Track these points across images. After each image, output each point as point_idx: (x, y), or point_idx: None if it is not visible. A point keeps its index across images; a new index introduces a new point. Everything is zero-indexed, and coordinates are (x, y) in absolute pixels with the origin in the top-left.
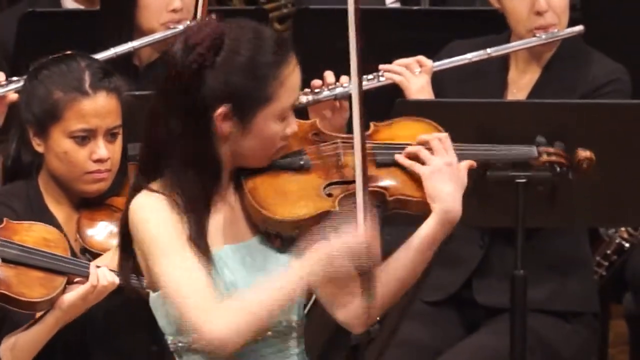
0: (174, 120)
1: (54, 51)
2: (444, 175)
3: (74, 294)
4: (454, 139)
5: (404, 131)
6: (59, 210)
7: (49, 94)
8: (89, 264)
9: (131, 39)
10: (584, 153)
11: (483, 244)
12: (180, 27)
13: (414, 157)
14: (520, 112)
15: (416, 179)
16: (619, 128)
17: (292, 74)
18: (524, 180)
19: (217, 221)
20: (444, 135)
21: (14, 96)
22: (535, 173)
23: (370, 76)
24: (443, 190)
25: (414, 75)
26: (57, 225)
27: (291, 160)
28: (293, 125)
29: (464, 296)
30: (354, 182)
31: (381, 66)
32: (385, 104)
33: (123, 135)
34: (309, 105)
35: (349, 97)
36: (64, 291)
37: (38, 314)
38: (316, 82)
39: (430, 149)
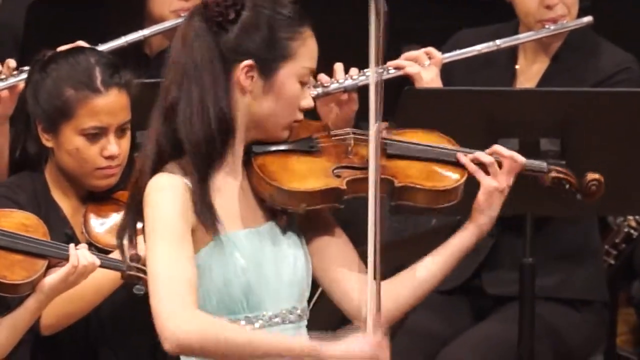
0: (194, 75)
1: (63, 39)
2: (501, 197)
3: (55, 276)
4: (460, 128)
5: (415, 139)
6: (65, 203)
7: (60, 91)
8: (68, 247)
9: (142, 27)
10: (593, 175)
11: (493, 233)
12: None
13: (479, 164)
14: (529, 100)
15: (426, 172)
16: (628, 116)
17: (312, 38)
18: None
19: (230, 203)
20: (519, 161)
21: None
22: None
23: (379, 69)
24: (494, 210)
25: (423, 69)
26: (64, 219)
27: (301, 143)
28: (309, 99)
29: (474, 285)
30: (363, 168)
31: (389, 62)
32: (393, 93)
33: (131, 124)
34: (318, 97)
35: (357, 89)
36: (45, 274)
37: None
38: (323, 76)
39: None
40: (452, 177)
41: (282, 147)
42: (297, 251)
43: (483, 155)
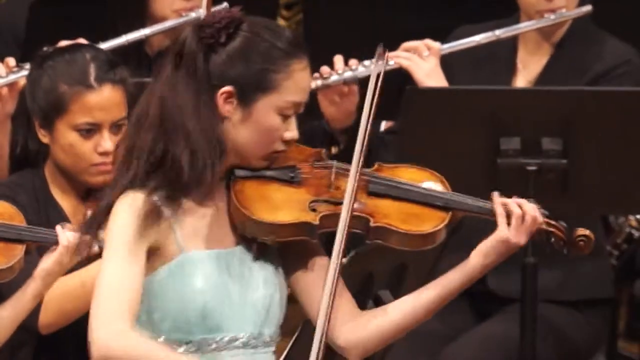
0: (174, 97)
1: (65, 38)
2: (508, 252)
3: (49, 260)
4: (462, 127)
5: (406, 175)
6: (65, 200)
7: (54, 86)
8: (48, 230)
9: (143, 26)
10: (582, 231)
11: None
12: (193, 14)
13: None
14: (531, 100)
15: (405, 214)
16: (630, 115)
17: (302, 72)
18: (534, 168)
19: (202, 222)
20: (539, 219)
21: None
22: (546, 160)
23: (379, 61)
24: (496, 259)
25: (422, 59)
26: (64, 217)
27: (282, 172)
28: (294, 131)
29: (476, 285)
30: (341, 203)
31: (389, 54)
32: (395, 91)
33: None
34: (318, 89)
35: (357, 81)
36: (24, 259)
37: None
38: (325, 68)
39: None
40: (431, 222)
41: (263, 174)
42: (270, 275)
43: (514, 205)
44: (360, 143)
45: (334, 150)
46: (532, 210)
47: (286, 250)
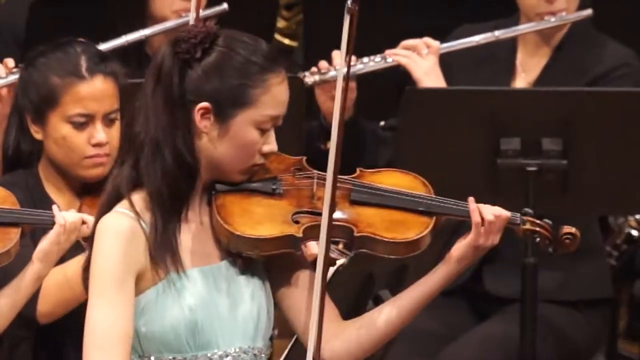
0: (154, 112)
1: (65, 37)
2: (481, 253)
3: (46, 241)
4: (462, 128)
5: (388, 180)
6: (60, 197)
7: (46, 79)
8: (44, 212)
9: (143, 26)
10: (568, 229)
11: None
12: (194, 14)
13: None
14: (531, 100)
15: (389, 222)
16: (630, 115)
17: (279, 85)
18: (534, 169)
19: (186, 239)
20: (506, 216)
21: None
22: (546, 161)
23: (377, 58)
24: (468, 264)
25: (421, 57)
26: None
27: (264, 184)
28: (273, 144)
29: (475, 286)
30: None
31: (387, 51)
32: (394, 93)
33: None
34: (315, 85)
35: (355, 77)
36: (18, 243)
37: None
38: (323, 63)
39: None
40: (415, 229)
41: (244, 187)
42: (257, 290)
43: (487, 212)
44: (333, 153)
45: (329, 145)
46: (503, 213)
47: (270, 264)
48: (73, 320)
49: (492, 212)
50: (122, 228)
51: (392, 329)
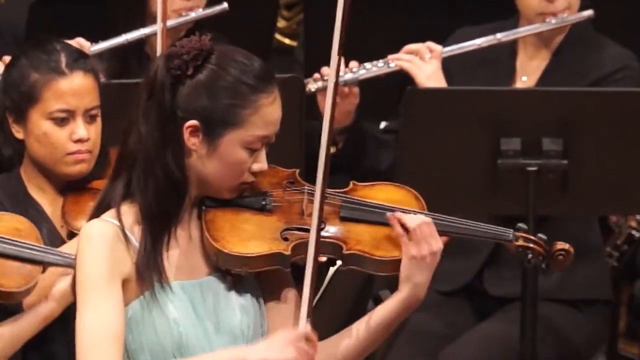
0: (146, 127)
1: (65, 37)
2: (426, 264)
3: (64, 283)
4: (463, 128)
5: (381, 194)
6: (42, 197)
7: (26, 77)
8: (64, 253)
9: (143, 26)
10: (562, 245)
11: None
12: (193, 14)
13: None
14: (531, 100)
15: (378, 239)
16: (631, 115)
17: (270, 106)
18: (535, 169)
19: (173, 254)
20: (429, 221)
21: None
22: (547, 161)
23: (380, 63)
24: (421, 278)
25: (423, 62)
26: (42, 213)
27: (254, 200)
28: (262, 163)
29: (476, 286)
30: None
31: (390, 56)
32: (395, 93)
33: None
34: (318, 92)
35: (358, 82)
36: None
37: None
38: (325, 69)
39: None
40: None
41: (234, 202)
42: (248, 304)
43: (409, 220)
44: (321, 172)
45: (332, 149)
46: (420, 219)
47: (259, 281)
48: (62, 324)
49: (414, 220)
50: (106, 234)
51: (357, 352)
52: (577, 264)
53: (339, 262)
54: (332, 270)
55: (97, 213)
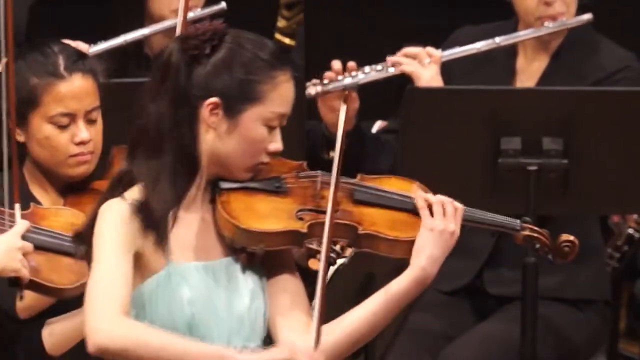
0: (163, 107)
1: (65, 37)
2: (443, 239)
3: None
4: (463, 128)
5: (388, 186)
6: (45, 197)
7: (25, 81)
8: None
9: (142, 26)
10: (567, 237)
11: (495, 233)
12: (192, 14)
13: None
14: (532, 99)
15: (392, 221)
16: (631, 115)
17: (286, 83)
18: (535, 168)
19: (187, 234)
20: (452, 201)
21: None
22: (547, 160)
23: (378, 67)
24: (434, 251)
25: (423, 67)
26: None
27: (267, 182)
28: (278, 143)
29: (476, 285)
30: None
31: (389, 58)
32: (395, 92)
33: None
34: (318, 96)
35: (357, 88)
36: None
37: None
38: (329, 73)
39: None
40: (417, 229)
41: (248, 185)
42: (256, 290)
43: (432, 197)
44: (338, 150)
45: (332, 154)
46: (449, 200)
47: (267, 265)
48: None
49: (438, 197)
50: (123, 210)
51: (369, 328)
52: (578, 264)
53: (339, 262)
54: (332, 270)
55: (111, 194)
